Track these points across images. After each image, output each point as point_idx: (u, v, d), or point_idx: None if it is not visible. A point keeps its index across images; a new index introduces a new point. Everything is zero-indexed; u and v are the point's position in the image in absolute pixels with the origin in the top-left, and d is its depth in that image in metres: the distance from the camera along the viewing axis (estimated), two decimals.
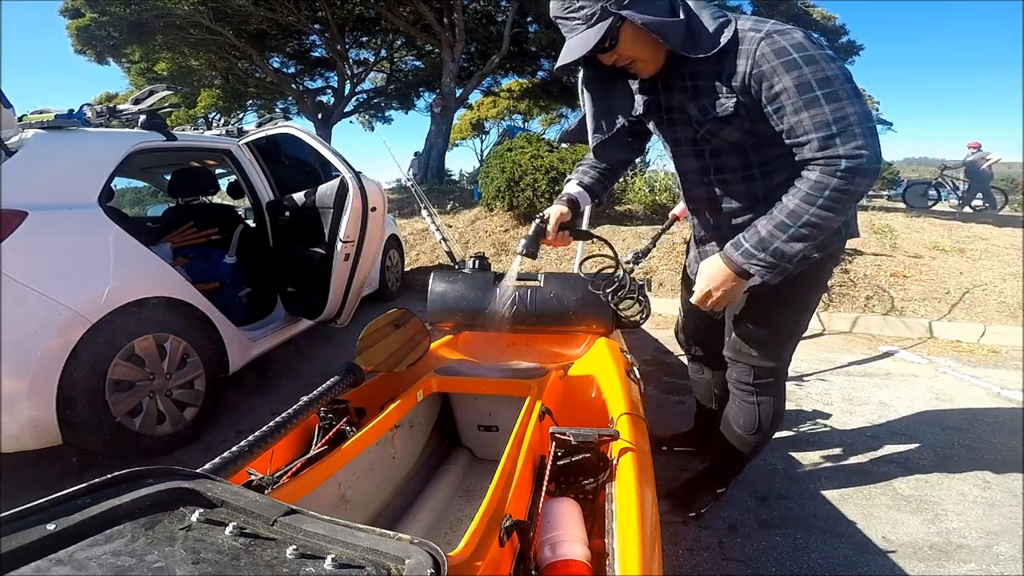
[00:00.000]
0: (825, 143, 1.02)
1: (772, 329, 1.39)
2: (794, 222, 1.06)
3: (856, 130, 1.00)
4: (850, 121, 1.01)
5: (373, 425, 1.18)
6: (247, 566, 0.56)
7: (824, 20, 12.07)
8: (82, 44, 9.82)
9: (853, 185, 1.02)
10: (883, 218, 6.24)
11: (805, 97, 1.02)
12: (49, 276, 1.79)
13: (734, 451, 1.60)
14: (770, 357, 1.43)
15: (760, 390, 1.48)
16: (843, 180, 1.01)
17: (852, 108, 1.01)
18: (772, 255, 1.09)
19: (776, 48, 1.04)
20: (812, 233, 1.06)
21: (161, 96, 2.75)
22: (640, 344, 3.36)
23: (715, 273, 1.19)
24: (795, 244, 1.07)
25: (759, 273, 1.12)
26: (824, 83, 1.02)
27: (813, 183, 1.04)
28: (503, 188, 6.14)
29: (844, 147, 1.00)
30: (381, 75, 15.45)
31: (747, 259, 1.13)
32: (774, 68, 1.04)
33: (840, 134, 1.01)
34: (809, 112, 1.02)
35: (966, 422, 2.36)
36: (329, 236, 2.66)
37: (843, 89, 1.02)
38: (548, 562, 0.88)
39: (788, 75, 1.03)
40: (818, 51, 1.04)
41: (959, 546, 1.55)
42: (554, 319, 1.86)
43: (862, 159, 1.00)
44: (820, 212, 1.04)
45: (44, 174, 1.94)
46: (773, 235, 1.09)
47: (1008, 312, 3.94)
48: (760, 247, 1.10)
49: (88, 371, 1.84)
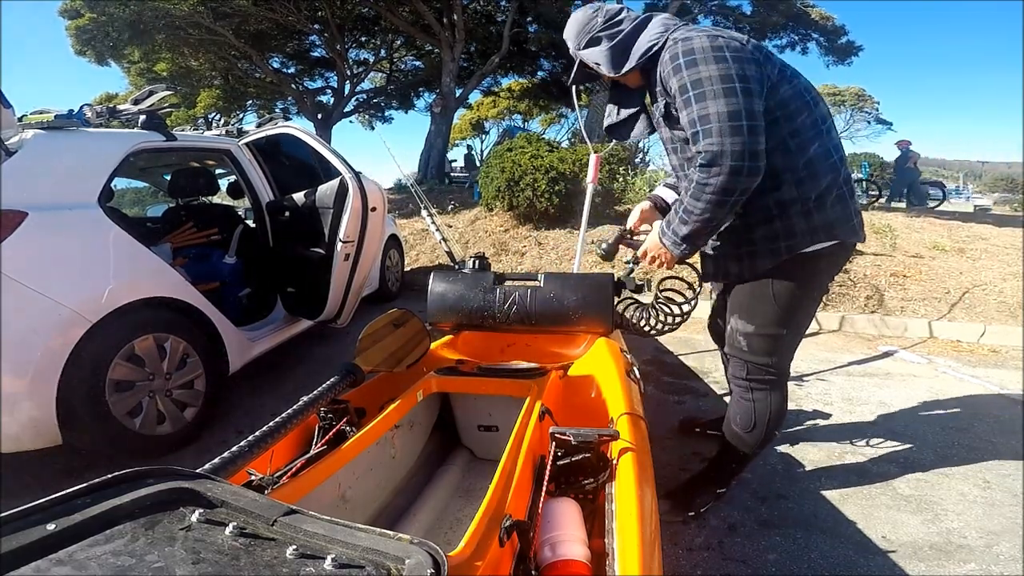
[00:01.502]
0: (694, 139, 1.17)
1: (759, 325, 1.44)
2: (679, 208, 1.26)
3: (713, 127, 1.11)
4: (708, 119, 1.12)
5: (373, 425, 1.18)
6: (247, 566, 0.56)
7: (823, 20, 12.07)
8: (82, 44, 9.81)
9: (708, 177, 1.14)
10: (883, 218, 6.24)
11: (683, 98, 1.17)
12: (49, 276, 1.79)
13: (733, 449, 1.62)
14: (760, 353, 1.46)
15: (754, 386, 1.50)
16: (700, 173, 1.16)
17: (713, 107, 1.11)
18: (673, 233, 1.30)
19: (671, 54, 1.20)
20: (690, 217, 1.23)
21: (161, 96, 2.75)
22: (640, 344, 3.36)
23: (652, 242, 1.43)
24: (683, 227, 1.26)
25: (670, 246, 1.33)
26: (696, 84, 1.14)
27: (693, 175, 1.20)
28: (503, 188, 6.14)
29: (702, 143, 1.14)
30: (381, 75, 15.46)
31: (661, 235, 1.36)
32: (669, 72, 1.21)
33: (701, 132, 1.13)
34: (686, 111, 1.17)
35: (966, 422, 2.36)
36: (329, 236, 2.66)
37: (712, 89, 1.12)
38: (548, 562, 0.88)
39: (675, 78, 1.19)
40: (706, 53, 1.15)
41: (959, 546, 1.55)
42: (554, 319, 1.86)
43: (711, 153, 1.12)
44: (691, 202, 1.21)
45: (44, 174, 1.94)
46: (671, 219, 1.30)
47: (1008, 312, 3.94)
48: (667, 224, 1.33)
49: (88, 371, 1.84)
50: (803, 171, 1.25)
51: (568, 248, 5.63)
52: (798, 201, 1.28)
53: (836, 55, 12.44)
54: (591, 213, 2.80)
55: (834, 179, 1.30)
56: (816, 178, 1.28)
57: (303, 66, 14.04)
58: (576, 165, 6.01)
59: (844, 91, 22.91)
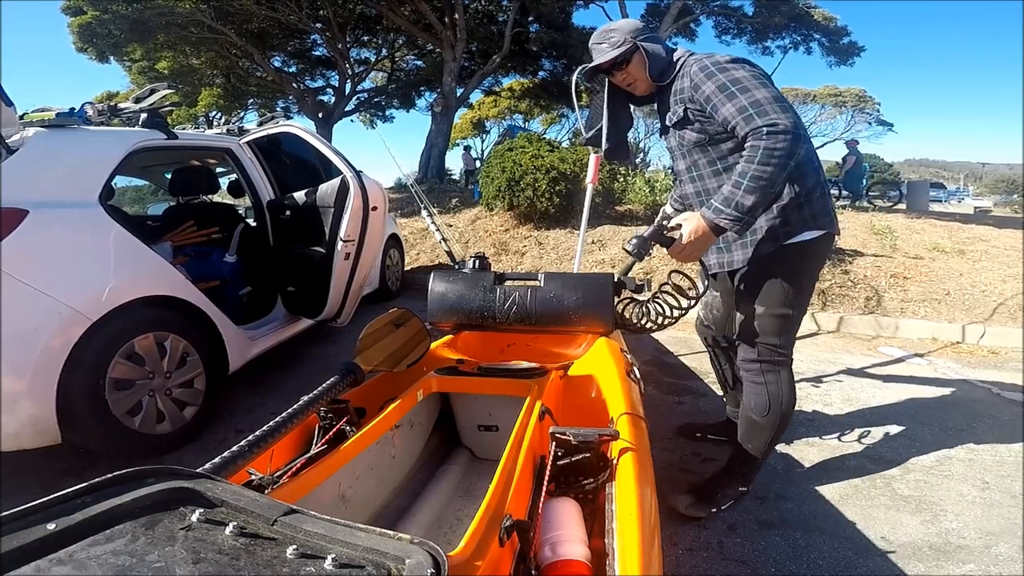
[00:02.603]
0: (748, 121, 1.35)
1: (769, 306, 1.57)
2: (744, 178, 1.34)
3: (767, 107, 1.33)
4: (760, 102, 1.34)
5: (373, 425, 1.18)
6: (247, 566, 0.56)
7: (825, 21, 12.06)
8: (83, 42, 9.82)
9: (777, 143, 1.30)
10: (884, 219, 6.24)
11: (725, 94, 1.39)
12: (49, 274, 1.79)
13: (750, 439, 1.66)
14: (771, 333, 1.58)
15: (765, 368, 1.61)
16: (768, 140, 1.31)
17: (760, 94, 1.35)
18: (736, 208, 1.36)
19: (699, 66, 1.45)
20: (759, 184, 1.33)
21: (162, 95, 2.75)
22: (640, 344, 3.36)
23: (695, 227, 1.45)
24: (749, 196, 1.34)
25: (726, 224, 1.38)
26: (734, 82, 1.39)
27: (750, 148, 1.35)
28: (503, 188, 6.14)
29: (761, 119, 1.32)
30: (382, 74, 15.47)
31: (717, 215, 1.39)
32: (700, 79, 1.44)
33: (756, 113, 1.34)
34: (732, 103, 1.38)
35: (966, 422, 2.36)
36: (329, 235, 2.66)
37: (750, 83, 1.37)
38: (548, 562, 0.88)
39: (709, 82, 1.42)
40: (733, 62, 1.43)
41: (958, 546, 1.55)
42: (554, 319, 1.86)
43: (777, 125, 1.31)
44: (759, 168, 1.32)
45: (45, 172, 1.94)
46: (733, 192, 1.37)
47: (1008, 313, 3.94)
48: (725, 203, 1.38)
49: (88, 370, 1.84)
50: (795, 172, 1.44)
51: (568, 248, 5.63)
52: (792, 196, 1.50)
53: (838, 56, 12.45)
54: (591, 213, 2.80)
55: (817, 179, 1.54)
56: (804, 177, 1.50)
57: (304, 65, 14.05)
58: (576, 165, 6.01)
59: (845, 92, 22.89)
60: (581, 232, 2.85)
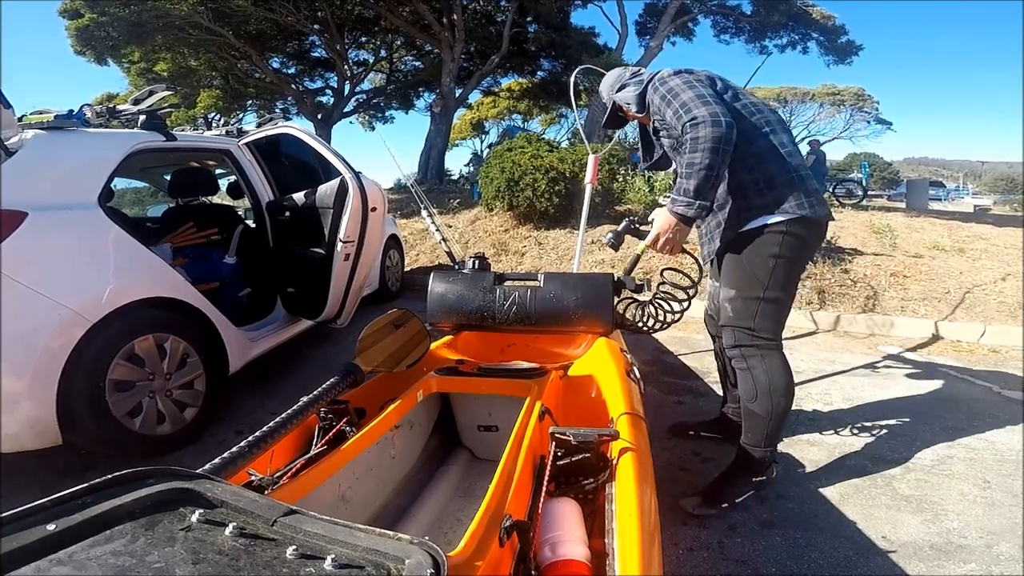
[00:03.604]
0: (679, 121, 1.56)
1: (739, 290, 1.66)
2: (685, 167, 1.54)
3: (690, 105, 1.53)
4: (686, 103, 1.55)
5: (373, 425, 1.18)
6: (247, 566, 0.56)
7: (823, 20, 12.06)
8: (82, 45, 9.81)
9: (698, 132, 1.49)
10: (883, 218, 6.24)
11: (665, 103, 1.63)
12: (49, 276, 1.79)
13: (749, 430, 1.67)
14: (744, 316, 1.65)
15: (745, 352, 1.65)
16: (692, 131, 1.51)
17: (685, 96, 1.56)
18: (683, 194, 1.55)
19: (651, 84, 1.71)
20: (696, 171, 1.51)
21: (161, 96, 2.75)
22: (640, 344, 3.36)
23: (661, 221, 1.63)
24: (691, 181, 1.52)
25: (683, 211, 1.56)
26: (670, 91, 1.62)
27: (686, 141, 1.53)
28: (503, 188, 6.13)
29: (686, 116, 1.53)
30: (381, 75, 15.45)
31: (673, 204, 1.58)
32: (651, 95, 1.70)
33: (683, 112, 1.55)
34: (670, 109, 1.60)
35: (966, 421, 2.36)
36: (329, 236, 2.66)
37: (679, 89, 1.59)
38: (548, 562, 0.88)
39: (655, 96, 1.68)
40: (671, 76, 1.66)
41: (959, 546, 1.55)
42: (554, 319, 1.86)
43: (696, 118, 1.50)
44: (691, 156, 1.51)
45: (44, 174, 1.94)
46: (680, 182, 1.56)
47: (1008, 312, 3.94)
48: (676, 192, 1.58)
49: (88, 371, 1.84)
50: (752, 159, 1.61)
51: (568, 248, 5.64)
52: (751, 183, 1.62)
53: (836, 54, 12.45)
54: (590, 213, 2.80)
55: (782, 167, 1.61)
56: (764, 165, 1.61)
57: (303, 66, 14.04)
58: (576, 165, 6.01)
59: (844, 91, 22.90)
60: (580, 232, 2.85)
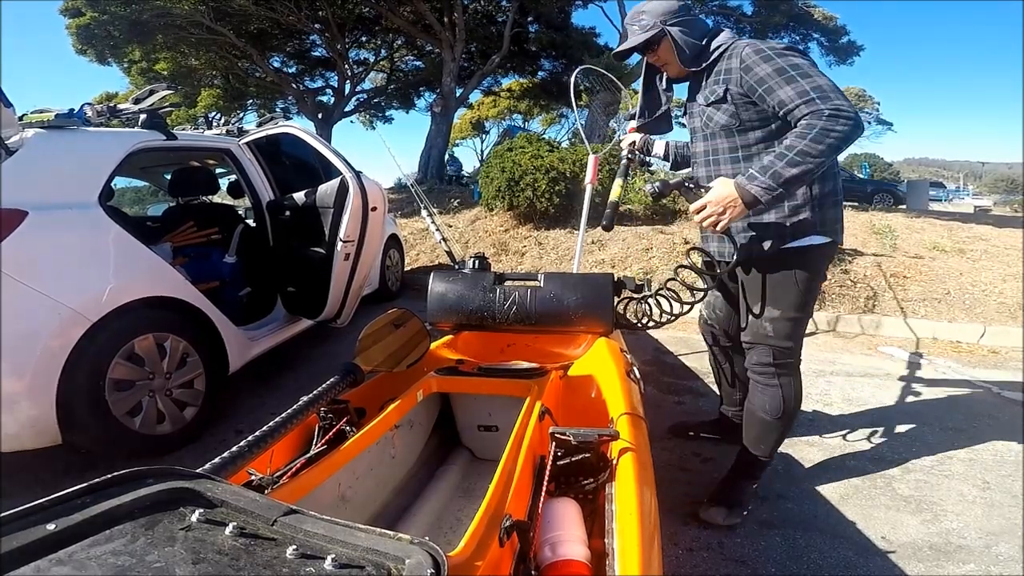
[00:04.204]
0: (808, 104, 1.33)
1: (784, 309, 1.56)
2: (790, 151, 1.31)
3: (830, 94, 1.32)
4: (824, 89, 1.32)
5: (373, 425, 1.17)
6: (247, 566, 0.56)
7: (825, 20, 12.05)
8: (82, 43, 9.82)
9: (837, 126, 1.28)
10: (883, 218, 6.24)
11: (784, 77, 1.37)
12: (49, 275, 1.79)
13: (763, 440, 1.65)
14: (785, 337, 1.58)
15: (780, 371, 1.61)
16: (828, 122, 1.29)
17: (822, 81, 1.34)
18: (771, 177, 1.33)
19: (754, 49, 1.44)
20: (804, 160, 1.30)
21: (161, 95, 2.74)
22: (640, 344, 3.36)
23: (722, 192, 1.40)
24: (790, 169, 1.31)
25: (758, 193, 1.34)
26: (794, 67, 1.37)
27: (804, 124, 1.32)
28: (503, 188, 6.14)
29: (825, 104, 1.30)
30: (381, 75, 15.45)
31: (751, 181, 1.35)
32: (754, 61, 1.42)
33: (819, 97, 1.31)
34: (791, 86, 1.35)
35: (966, 422, 2.36)
36: (329, 236, 2.66)
37: (810, 71, 1.36)
38: (548, 562, 0.88)
39: (765, 65, 1.40)
40: (784, 50, 1.42)
41: (958, 547, 1.55)
42: (554, 319, 1.86)
43: (841, 109, 1.29)
44: (810, 143, 1.29)
45: (44, 173, 1.94)
46: (773, 163, 1.33)
47: (1008, 312, 3.94)
48: (763, 172, 1.34)
49: (88, 370, 1.84)
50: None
51: (568, 248, 5.63)
52: (807, 198, 1.48)
53: (837, 55, 12.42)
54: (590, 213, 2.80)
55: (833, 186, 1.52)
56: (823, 181, 1.49)
57: (303, 66, 14.03)
58: (576, 165, 6.01)
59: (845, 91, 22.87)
60: (580, 232, 2.84)
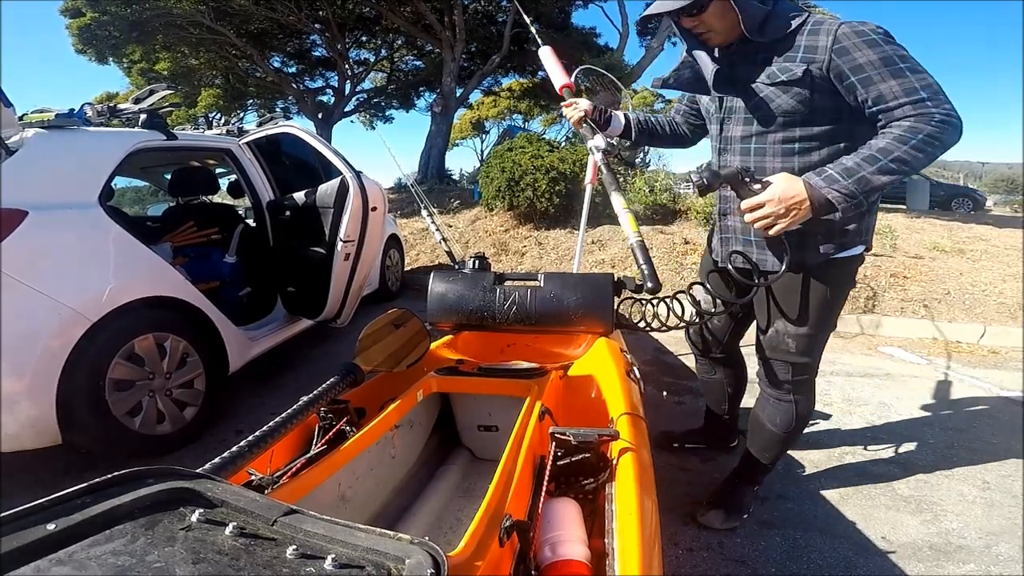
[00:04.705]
0: (917, 106, 1.13)
1: (811, 326, 1.44)
2: (884, 156, 1.13)
3: (942, 97, 1.14)
4: (936, 89, 1.14)
5: (373, 425, 1.17)
6: (247, 566, 0.56)
7: None
8: (83, 44, 9.82)
9: (945, 135, 1.12)
10: (883, 219, 6.24)
11: (891, 68, 1.15)
12: (49, 275, 1.79)
13: (768, 450, 1.62)
14: (806, 353, 1.47)
15: (796, 388, 1.52)
16: (937, 128, 1.12)
17: (932, 80, 1.15)
18: (856, 183, 1.14)
19: (856, 30, 1.19)
20: (900, 168, 1.13)
21: (161, 95, 2.75)
22: (640, 344, 3.36)
23: (789, 188, 1.18)
24: (881, 177, 1.13)
25: (836, 199, 1.15)
26: (904, 59, 1.16)
27: (907, 127, 1.13)
28: (503, 188, 6.14)
29: (937, 108, 1.12)
30: (381, 75, 15.45)
31: (829, 183, 1.15)
32: (856, 44, 1.17)
33: (930, 99, 1.13)
34: (897, 80, 1.15)
35: (966, 422, 2.36)
36: (329, 236, 2.66)
37: (919, 67, 1.17)
38: (548, 562, 0.88)
39: (869, 50, 1.16)
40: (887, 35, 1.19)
41: (958, 547, 1.55)
42: (554, 319, 1.86)
43: (951, 115, 1.12)
44: (911, 151, 1.12)
45: (44, 173, 1.94)
46: (860, 166, 1.14)
47: (1008, 312, 3.94)
48: (846, 174, 1.15)
49: (88, 370, 1.84)
50: None
51: (568, 248, 5.64)
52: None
53: None
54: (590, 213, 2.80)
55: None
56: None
57: (304, 65, 14.04)
58: (576, 165, 6.01)
59: None
60: (580, 232, 2.85)
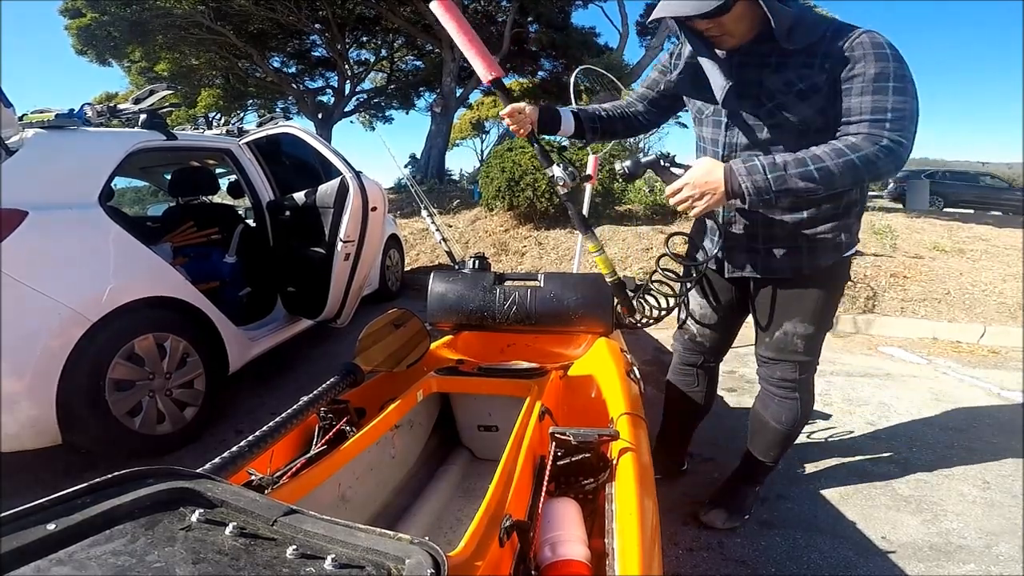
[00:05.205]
0: (873, 125, 1.12)
1: (817, 325, 1.46)
2: (813, 163, 1.11)
3: (904, 124, 1.12)
4: (904, 115, 1.12)
5: (373, 425, 1.17)
6: (247, 566, 0.56)
7: None
8: (83, 44, 9.82)
9: (881, 161, 1.11)
10: (883, 218, 6.24)
11: (877, 84, 1.13)
12: (49, 276, 1.79)
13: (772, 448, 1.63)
14: (809, 352, 1.50)
15: (801, 385, 1.54)
16: (877, 152, 1.11)
17: (911, 107, 1.14)
18: (775, 180, 1.12)
19: (875, 42, 1.16)
20: (822, 179, 1.11)
21: (161, 95, 2.75)
22: (640, 344, 3.36)
23: (706, 173, 1.19)
24: (799, 182, 1.12)
25: (748, 190, 1.14)
26: (900, 79, 1.14)
27: (850, 144, 1.12)
28: (503, 188, 6.14)
29: (890, 133, 1.11)
30: (381, 75, 15.45)
31: (749, 174, 1.14)
32: (864, 54, 1.15)
33: (890, 122, 1.12)
34: (874, 97, 1.13)
35: (966, 422, 2.36)
36: (329, 236, 2.66)
37: (913, 90, 1.15)
38: (548, 562, 0.88)
39: (877, 63, 1.14)
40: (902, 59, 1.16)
41: (958, 546, 1.55)
42: (554, 319, 1.86)
43: (900, 145, 1.11)
44: (841, 166, 1.11)
45: (44, 173, 1.94)
46: (787, 165, 1.13)
47: (1008, 312, 3.94)
48: (770, 168, 1.13)
49: (88, 370, 1.84)
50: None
51: (568, 248, 5.64)
52: (858, 204, 1.37)
53: None
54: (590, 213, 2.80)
55: (864, 194, 1.40)
56: (864, 191, 1.38)
57: (304, 66, 14.04)
58: (576, 165, 6.01)
59: None
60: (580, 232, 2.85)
